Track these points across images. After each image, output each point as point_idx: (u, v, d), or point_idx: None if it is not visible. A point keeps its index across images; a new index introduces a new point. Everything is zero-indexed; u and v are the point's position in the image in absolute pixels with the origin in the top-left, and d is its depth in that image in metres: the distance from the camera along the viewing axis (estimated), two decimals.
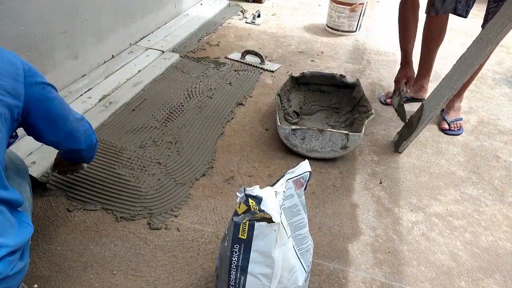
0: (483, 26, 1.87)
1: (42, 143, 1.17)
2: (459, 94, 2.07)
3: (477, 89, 2.45)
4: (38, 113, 0.98)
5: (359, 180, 1.70)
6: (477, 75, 2.03)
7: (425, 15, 2.02)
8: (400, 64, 1.98)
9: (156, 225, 1.40)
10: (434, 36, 2.06)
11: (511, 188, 1.73)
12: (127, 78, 2.19)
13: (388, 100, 2.22)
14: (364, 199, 1.61)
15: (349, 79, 2.07)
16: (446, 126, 2.03)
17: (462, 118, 2.07)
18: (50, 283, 1.19)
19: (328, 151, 1.72)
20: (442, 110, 2.11)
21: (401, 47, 1.98)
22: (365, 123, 1.75)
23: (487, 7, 1.81)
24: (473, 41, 1.61)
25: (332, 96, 2.11)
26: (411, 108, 2.11)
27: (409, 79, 1.94)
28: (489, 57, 1.85)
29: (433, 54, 2.13)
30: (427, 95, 2.21)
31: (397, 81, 1.97)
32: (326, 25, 3.14)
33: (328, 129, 1.69)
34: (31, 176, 1.25)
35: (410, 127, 1.81)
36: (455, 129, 2.03)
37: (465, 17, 1.95)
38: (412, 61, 1.95)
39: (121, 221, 1.41)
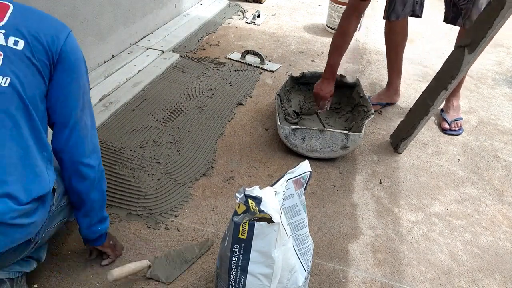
0: (448, 20, 1.91)
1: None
2: (454, 93, 2.08)
3: (477, 89, 2.45)
4: (61, 77, 0.99)
5: (359, 180, 1.70)
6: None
7: (384, 21, 2.03)
8: (326, 78, 1.88)
9: (156, 225, 1.40)
10: (399, 39, 2.05)
11: (511, 188, 1.73)
12: (127, 78, 2.19)
13: None
14: (364, 199, 1.61)
15: (349, 79, 2.07)
16: (447, 126, 2.03)
17: (462, 118, 2.08)
18: (50, 283, 1.19)
19: (328, 151, 1.72)
20: (442, 110, 2.12)
21: (330, 60, 1.86)
22: (365, 123, 1.75)
23: (452, 3, 1.83)
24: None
25: (332, 96, 2.11)
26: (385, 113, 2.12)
27: (331, 96, 1.92)
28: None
29: (401, 56, 2.12)
30: (399, 98, 2.25)
31: (324, 97, 1.89)
32: (326, 25, 3.14)
33: (328, 129, 1.69)
34: None
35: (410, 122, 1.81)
36: (456, 129, 2.03)
37: (421, 16, 1.99)
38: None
39: (121, 221, 1.41)
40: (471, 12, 1.76)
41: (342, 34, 1.83)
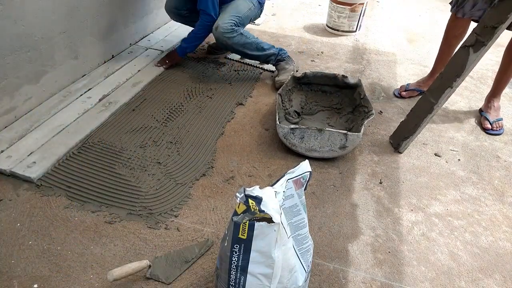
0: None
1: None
2: (496, 94, 2.11)
3: (477, 89, 2.45)
4: None
5: (359, 180, 1.70)
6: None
7: (450, 13, 2.08)
8: None
9: (156, 225, 1.40)
10: (457, 33, 2.10)
11: (511, 188, 1.73)
12: (127, 78, 2.19)
13: (404, 93, 2.29)
14: (364, 199, 1.61)
15: (351, 79, 2.07)
16: (489, 126, 2.06)
17: (502, 118, 2.10)
18: (50, 283, 1.20)
19: (327, 151, 1.72)
20: (481, 110, 2.16)
21: None
22: (365, 123, 1.75)
23: None
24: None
25: (334, 96, 2.11)
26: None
27: None
28: None
29: (453, 50, 2.16)
30: None
31: None
32: (326, 25, 3.14)
33: (327, 129, 1.69)
34: None
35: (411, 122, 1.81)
36: (497, 129, 2.06)
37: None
38: None
39: (121, 221, 1.41)
40: None
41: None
